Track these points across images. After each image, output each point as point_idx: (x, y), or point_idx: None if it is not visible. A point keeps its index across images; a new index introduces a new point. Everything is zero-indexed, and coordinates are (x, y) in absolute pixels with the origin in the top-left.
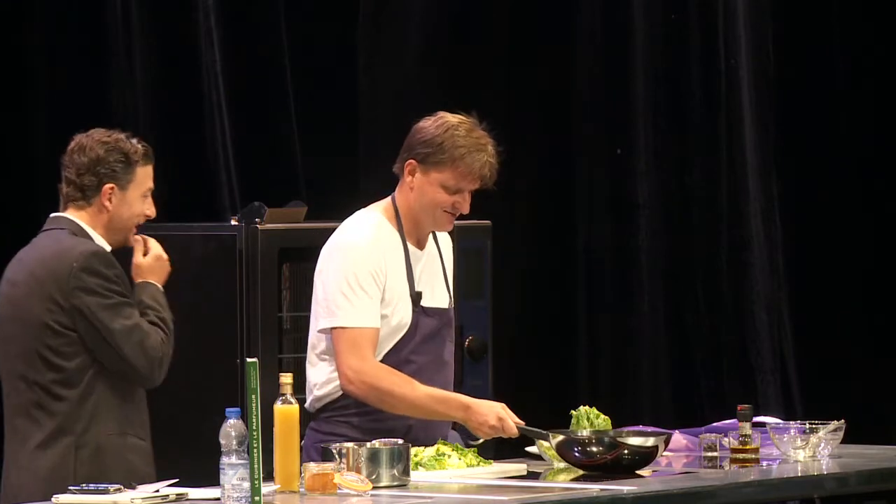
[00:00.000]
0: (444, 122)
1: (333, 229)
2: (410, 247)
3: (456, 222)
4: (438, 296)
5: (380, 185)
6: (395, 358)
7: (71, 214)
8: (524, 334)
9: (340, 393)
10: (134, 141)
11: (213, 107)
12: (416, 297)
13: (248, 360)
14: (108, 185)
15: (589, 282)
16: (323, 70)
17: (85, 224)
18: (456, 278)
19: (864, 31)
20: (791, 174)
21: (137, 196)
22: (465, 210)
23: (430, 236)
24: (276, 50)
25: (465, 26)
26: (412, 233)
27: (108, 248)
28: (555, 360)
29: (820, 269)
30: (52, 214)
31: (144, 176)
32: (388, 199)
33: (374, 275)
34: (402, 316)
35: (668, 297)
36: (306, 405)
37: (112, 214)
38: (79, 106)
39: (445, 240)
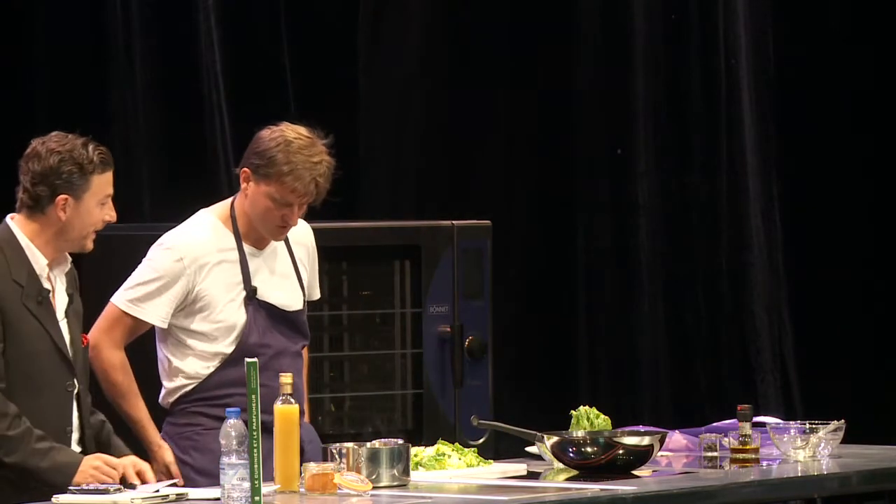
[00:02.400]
0: (279, 136)
1: (333, 229)
2: (247, 247)
3: (456, 222)
4: (283, 296)
5: (380, 185)
6: (245, 346)
7: (17, 221)
8: (524, 334)
9: (192, 384)
10: (90, 148)
11: (213, 107)
12: (251, 291)
13: (248, 360)
14: (61, 196)
15: (589, 282)
16: (323, 70)
17: (25, 233)
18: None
19: (864, 31)
20: (791, 174)
21: (94, 205)
22: (294, 224)
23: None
24: (275, 50)
25: (465, 26)
26: (249, 234)
27: (45, 262)
28: (555, 360)
29: (820, 269)
30: (7, 217)
31: (101, 183)
32: (229, 200)
33: (178, 281)
34: (232, 317)
35: (668, 297)
36: (159, 399)
37: (65, 224)
38: (79, 106)
39: (301, 240)
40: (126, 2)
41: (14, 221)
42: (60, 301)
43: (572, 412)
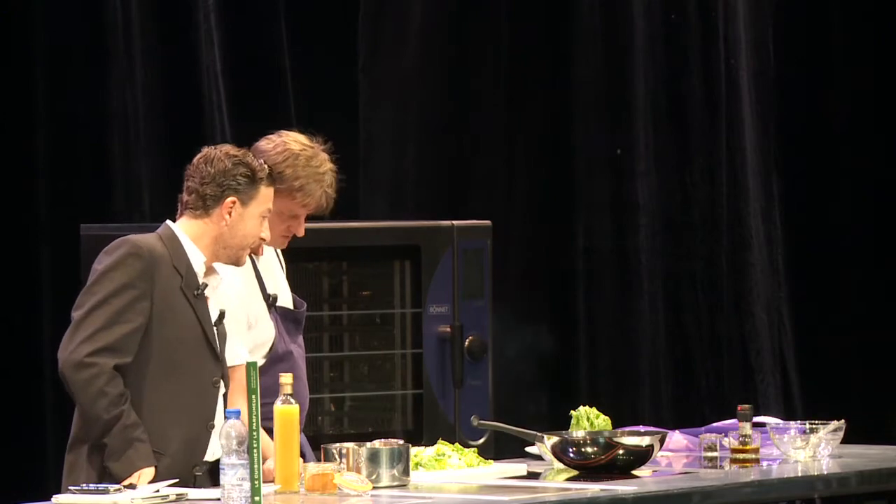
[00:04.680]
0: (285, 150)
1: (333, 229)
2: (252, 257)
3: (456, 222)
4: (286, 297)
5: (380, 185)
6: (274, 353)
7: (179, 223)
8: (524, 334)
9: None
10: (261, 160)
11: (213, 107)
12: (272, 300)
13: (248, 360)
14: (230, 199)
15: (589, 282)
16: (323, 70)
17: (188, 233)
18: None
19: (864, 31)
20: (791, 174)
21: (256, 214)
22: (301, 234)
23: None
24: (276, 50)
25: (465, 26)
26: None
27: (203, 259)
28: (555, 360)
29: (820, 269)
30: (166, 222)
31: (266, 195)
32: None
33: (245, 312)
34: (267, 330)
35: (668, 297)
36: None
37: (228, 229)
38: (79, 106)
39: None
40: (126, 2)
41: (174, 224)
42: (212, 311)
43: (572, 412)
